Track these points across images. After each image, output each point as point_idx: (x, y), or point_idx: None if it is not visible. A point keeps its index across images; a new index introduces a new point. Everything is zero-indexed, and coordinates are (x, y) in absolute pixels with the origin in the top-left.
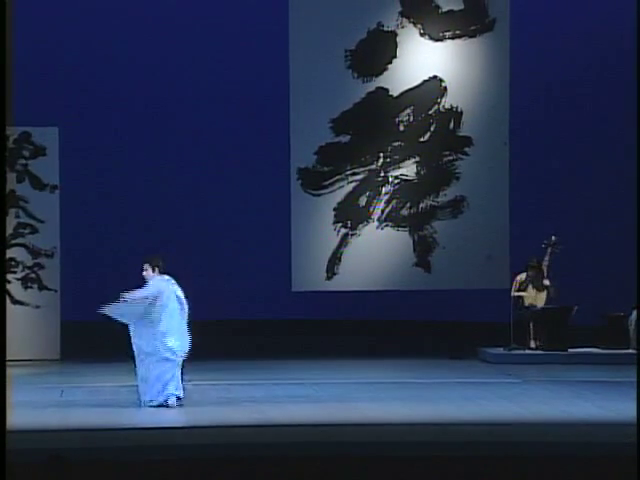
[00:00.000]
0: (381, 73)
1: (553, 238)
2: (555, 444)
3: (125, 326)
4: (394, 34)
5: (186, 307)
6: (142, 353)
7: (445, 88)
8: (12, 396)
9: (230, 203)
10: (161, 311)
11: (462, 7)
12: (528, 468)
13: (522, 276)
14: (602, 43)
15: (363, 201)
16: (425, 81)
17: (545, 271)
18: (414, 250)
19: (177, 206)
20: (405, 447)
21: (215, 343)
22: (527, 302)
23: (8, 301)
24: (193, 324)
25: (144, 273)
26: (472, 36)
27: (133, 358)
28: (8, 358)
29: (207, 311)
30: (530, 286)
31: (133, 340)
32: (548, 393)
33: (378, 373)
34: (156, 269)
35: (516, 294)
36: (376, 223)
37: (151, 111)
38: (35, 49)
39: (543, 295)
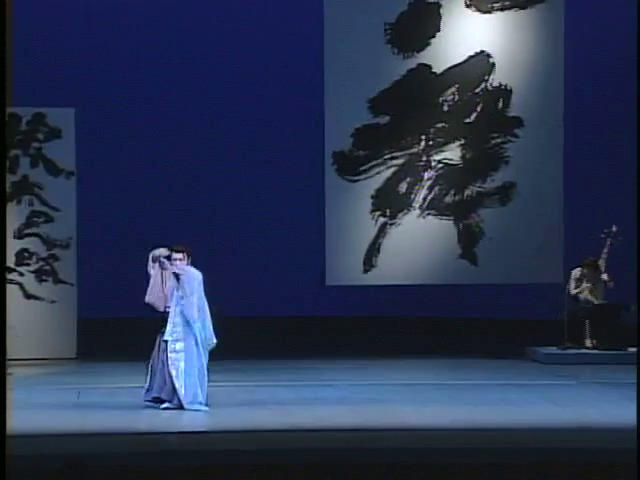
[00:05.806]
0: (423, 48)
1: (614, 228)
2: (599, 450)
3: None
4: (438, 5)
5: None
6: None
7: (493, 64)
8: (28, 397)
9: (261, 190)
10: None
11: None
12: (568, 475)
13: (577, 272)
14: None
15: (403, 188)
16: (471, 57)
17: (603, 265)
18: (459, 241)
19: (203, 194)
20: (440, 454)
21: (242, 341)
22: (582, 298)
23: (21, 295)
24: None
25: (179, 263)
26: (523, 7)
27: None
28: (22, 357)
29: (233, 308)
30: (584, 282)
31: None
32: (599, 396)
33: (417, 374)
34: (189, 258)
35: (574, 292)
36: (417, 211)
37: (176, 91)
38: (52, 28)
39: (600, 291)
